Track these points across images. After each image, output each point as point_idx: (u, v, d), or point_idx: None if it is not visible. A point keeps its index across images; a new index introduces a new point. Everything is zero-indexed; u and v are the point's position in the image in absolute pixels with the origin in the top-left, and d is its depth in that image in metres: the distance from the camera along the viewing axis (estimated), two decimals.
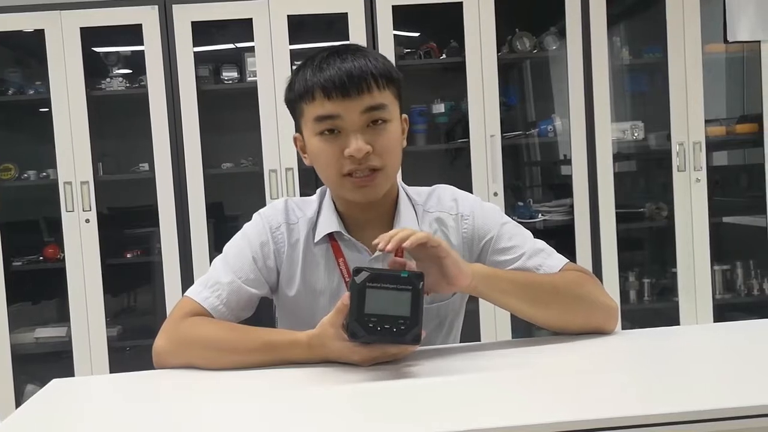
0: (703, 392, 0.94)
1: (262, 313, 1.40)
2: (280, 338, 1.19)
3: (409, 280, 1.05)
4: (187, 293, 1.31)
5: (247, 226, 1.36)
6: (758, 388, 0.94)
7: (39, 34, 2.98)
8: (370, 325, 1.03)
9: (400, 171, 1.36)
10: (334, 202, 1.33)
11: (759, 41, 3.12)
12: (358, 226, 1.31)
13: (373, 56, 1.24)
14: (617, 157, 3.16)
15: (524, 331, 3.05)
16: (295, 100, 1.25)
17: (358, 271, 1.05)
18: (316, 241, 1.31)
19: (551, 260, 1.32)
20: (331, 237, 1.31)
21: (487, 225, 1.34)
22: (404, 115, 1.30)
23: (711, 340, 1.26)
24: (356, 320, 1.04)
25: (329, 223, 1.30)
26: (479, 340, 2.29)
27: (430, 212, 1.35)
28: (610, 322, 1.26)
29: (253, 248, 1.31)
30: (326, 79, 1.19)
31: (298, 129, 1.29)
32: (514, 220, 1.42)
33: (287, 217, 1.33)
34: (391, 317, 1.04)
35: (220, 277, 1.29)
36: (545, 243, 1.36)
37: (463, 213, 1.35)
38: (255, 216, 1.36)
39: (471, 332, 2.66)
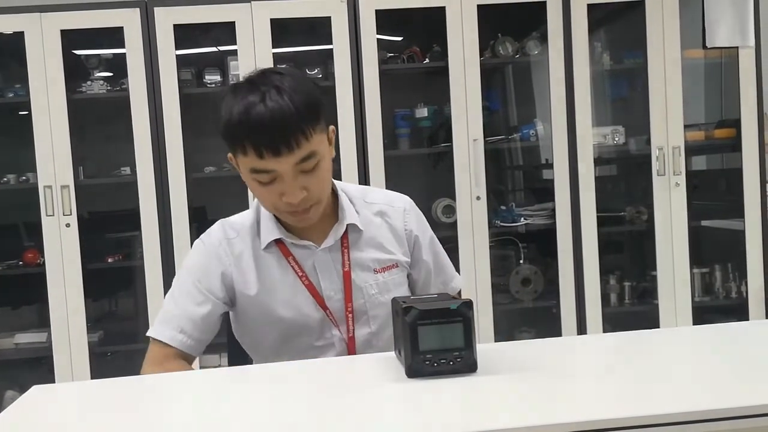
0: (682, 394, 0.95)
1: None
2: None
3: (459, 312, 1.06)
4: (150, 334, 1.39)
5: (189, 254, 1.45)
6: (737, 390, 0.95)
7: (19, 36, 2.95)
8: (427, 362, 1.04)
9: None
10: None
11: (737, 47, 3.16)
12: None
13: (297, 93, 1.26)
14: (598, 162, 3.19)
15: (507, 334, 3.08)
16: (228, 140, 1.29)
17: (407, 310, 1.05)
18: (263, 247, 1.40)
19: (458, 278, 1.58)
20: (277, 240, 1.40)
21: (420, 228, 1.51)
22: (331, 127, 1.36)
23: (690, 343, 1.27)
24: (413, 359, 1.04)
25: (271, 231, 1.40)
26: None
27: (372, 203, 1.48)
28: None
29: (195, 273, 1.40)
30: (255, 139, 1.24)
31: (233, 154, 1.33)
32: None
33: (226, 234, 1.43)
34: (447, 350, 1.05)
35: (173, 310, 1.39)
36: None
37: (406, 208, 1.51)
38: (195, 243, 1.45)
39: None
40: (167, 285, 2.94)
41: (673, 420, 0.85)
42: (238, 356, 1.55)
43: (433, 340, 1.04)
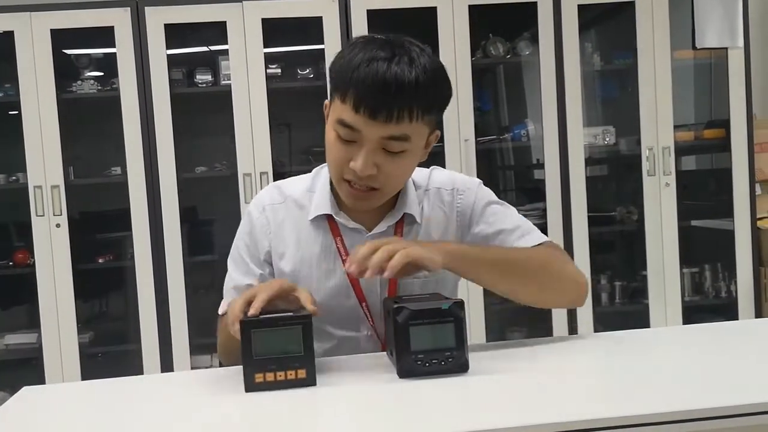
0: (672, 394, 0.95)
1: None
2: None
3: (451, 311, 1.06)
4: (220, 311, 1.34)
5: (243, 220, 1.38)
6: (727, 389, 0.96)
7: (8, 36, 2.93)
8: (418, 362, 1.04)
9: None
10: (331, 182, 1.30)
11: (726, 48, 3.18)
12: None
13: (426, 73, 1.16)
14: (589, 162, 3.20)
15: (498, 333, 3.08)
16: (333, 79, 1.21)
17: (399, 310, 1.05)
18: (310, 218, 1.31)
19: (528, 237, 1.36)
20: (327, 216, 1.31)
21: (476, 202, 1.37)
22: (437, 132, 1.27)
23: (680, 342, 1.28)
24: (405, 359, 1.04)
25: (323, 204, 1.31)
26: None
27: (428, 189, 1.37)
28: (580, 297, 1.35)
29: (241, 243, 1.35)
30: (362, 87, 1.14)
31: (330, 96, 1.24)
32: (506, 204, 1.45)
33: (272, 199, 1.35)
34: (438, 350, 1.05)
35: (237, 281, 1.33)
36: (528, 221, 1.41)
37: (458, 188, 1.37)
38: (247, 210, 1.38)
39: None
40: (158, 285, 2.97)
41: (664, 419, 0.85)
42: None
43: (424, 340, 1.04)
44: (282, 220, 1.33)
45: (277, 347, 1.04)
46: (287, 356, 1.04)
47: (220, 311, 1.34)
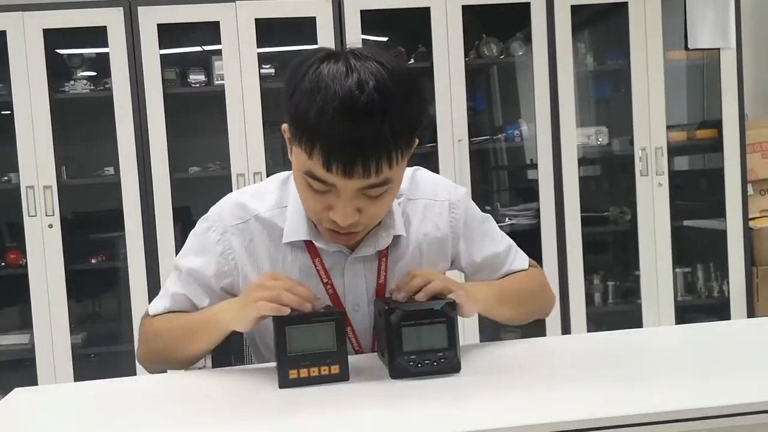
0: (665, 394, 0.96)
1: None
2: (199, 316, 1.21)
3: (443, 312, 1.05)
4: (151, 311, 1.28)
5: (193, 235, 1.27)
6: (719, 389, 0.96)
7: (1, 36, 2.92)
8: (411, 363, 1.04)
9: None
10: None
11: (718, 48, 3.20)
12: None
13: (403, 104, 1.02)
14: (582, 162, 3.20)
15: (492, 333, 3.09)
16: (290, 122, 1.07)
17: (391, 311, 1.05)
18: (284, 242, 1.20)
19: (518, 259, 1.37)
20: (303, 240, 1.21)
21: (471, 219, 1.32)
22: (416, 141, 1.11)
23: (673, 342, 1.29)
24: (397, 359, 1.04)
25: (298, 228, 1.19)
26: None
27: (415, 200, 1.27)
28: (551, 309, 1.42)
29: (191, 266, 1.24)
30: (332, 149, 1.00)
31: (292, 136, 1.10)
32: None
33: (234, 219, 1.22)
34: (431, 351, 1.05)
35: (168, 287, 1.27)
36: (510, 238, 1.40)
37: (452, 201, 1.29)
38: (199, 222, 1.26)
39: None
40: (151, 285, 2.96)
41: (656, 419, 0.85)
42: (223, 357, 1.54)
43: (416, 341, 1.04)
44: (249, 242, 1.22)
45: (311, 343, 1.04)
46: (321, 352, 1.04)
47: (152, 311, 1.27)
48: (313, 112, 1.00)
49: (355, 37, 3.01)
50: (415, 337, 1.04)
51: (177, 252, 3.11)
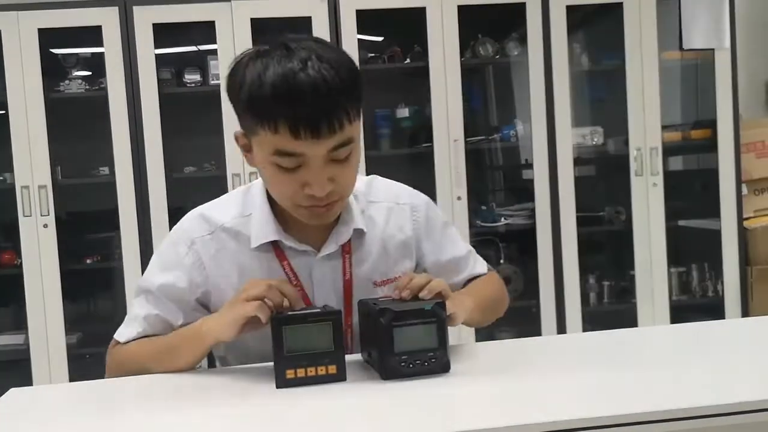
0: (659, 393, 0.96)
1: None
2: (180, 332, 1.20)
3: (434, 312, 1.05)
4: (114, 336, 1.28)
5: (157, 254, 1.28)
6: (714, 388, 0.97)
7: None
8: (402, 363, 1.04)
9: (364, 174, 1.36)
10: (270, 203, 1.23)
11: (713, 49, 3.21)
12: (299, 222, 1.20)
13: (342, 67, 1.08)
14: (577, 162, 3.21)
15: (487, 334, 3.09)
16: (247, 111, 1.09)
17: (382, 311, 1.04)
18: (253, 247, 1.22)
19: (478, 264, 1.42)
20: (271, 241, 1.22)
21: (433, 223, 1.35)
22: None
23: (667, 342, 1.29)
24: (388, 360, 1.04)
25: (266, 230, 1.21)
26: None
27: (375, 202, 1.30)
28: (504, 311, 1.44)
29: (162, 282, 1.24)
30: (295, 112, 1.04)
31: (244, 130, 1.15)
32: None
33: (200, 231, 1.24)
34: (421, 351, 1.05)
35: (136, 311, 1.25)
36: (467, 244, 1.44)
37: (413, 204, 1.33)
38: (165, 240, 1.27)
39: None
40: None
41: (651, 419, 0.86)
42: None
43: (407, 341, 1.04)
44: (215, 253, 1.22)
45: (309, 343, 1.04)
46: (318, 352, 1.04)
47: (122, 338, 1.25)
48: (268, 90, 1.04)
49: (350, 37, 3.01)
50: (407, 338, 1.04)
51: None
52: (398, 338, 1.04)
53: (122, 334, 1.27)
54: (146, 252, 2.96)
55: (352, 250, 1.25)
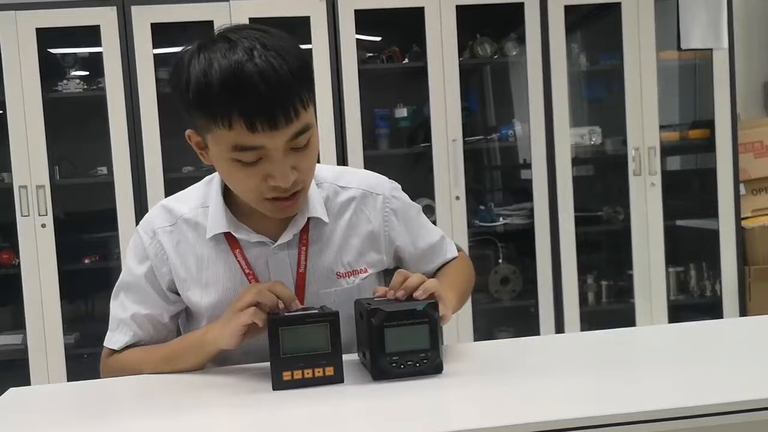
0: (656, 392, 0.96)
1: None
2: (181, 340, 1.21)
3: (425, 313, 1.05)
4: (105, 344, 1.27)
5: (128, 250, 1.29)
6: (711, 387, 0.97)
7: None
8: (393, 364, 1.04)
9: (361, 167, 1.35)
10: (224, 195, 1.22)
11: (710, 49, 3.21)
12: (255, 213, 1.19)
13: (290, 53, 1.05)
14: (575, 162, 3.22)
15: (486, 334, 3.09)
16: (198, 109, 1.06)
17: (373, 312, 1.04)
18: (208, 237, 1.21)
19: (450, 248, 1.40)
20: (224, 233, 1.21)
21: (407, 212, 1.33)
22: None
23: (665, 341, 1.29)
24: (379, 361, 1.04)
25: (219, 221, 1.20)
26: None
27: (347, 188, 1.27)
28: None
29: (137, 273, 1.24)
30: (248, 107, 1.01)
31: (194, 129, 1.12)
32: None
33: (161, 222, 1.25)
34: (413, 352, 1.04)
35: (120, 314, 1.25)
36: (437, 228, 1.42)
37: (386, 195, 1.30)
38: (134, 235, 1.28)
39: None
40: None
41: (648, 418, 0.86)
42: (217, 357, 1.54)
43: (399, 342, 1.04)
44: (177, 244, 1.22)
45: (306, 345, 1.04)
46: (315, 354, 1.04)
47: (115, 345, 1.24)
48: (216, 86, 1.01)
49: (349, 37, 3.01)
50: (398, 338, 1.03)
51: None
52: (389, 339, 1.03)
53: (114, 341, 1.25)
54: None
55: (312, 241, 1.23)
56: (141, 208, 2.96)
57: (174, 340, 1.24)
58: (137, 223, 1.28)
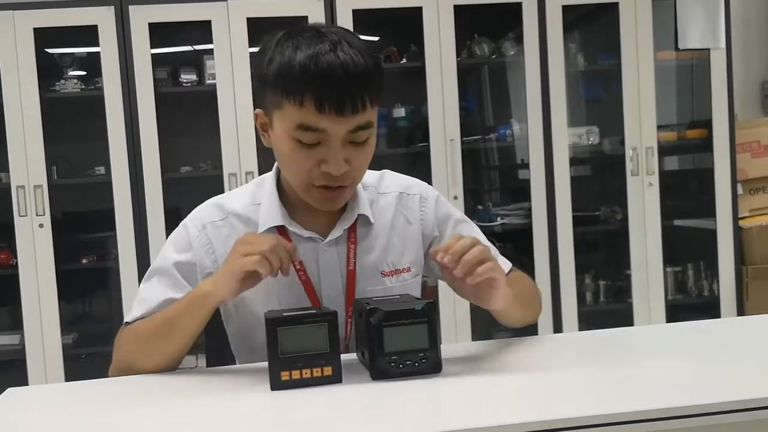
0: (655, 392, 0.96)
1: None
2: (181, 300, 1.18)
3: (423, 312, 1.05)
4: (127, 319, 1.26)
5: (172, 236, 1.29)
6: (709, 386, 0.97)
7: None
8: (392, 363, 1.04)
9: None
10: (280, 187, 1.27)
11: (708, 49, 3.22)
12: (306, 209, 1.24)
13: (367, 57, 1.12)
14: (573, 162, 3.22)
15: (483, 332, 3.09)
16: (273, 86, 1.12)
17: (372, 311, 1.04)
18: (260, 232, 1.23)
19: (500, 262, 1.34)
20: (278, 227, 1.24)
21: (445, 216, 1.35)
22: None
23: (663, 341, 1.29)
24: (378, 360, 1.04)
25: (273, 215, 1.24)
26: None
27: (386, 193, 1.32)
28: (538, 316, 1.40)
29: (177, 260, 1.24)
30: (321, 86, 1.08)
31: (264, 109, 1.18)
32: (473, 222, 1.43)
33: (211, 216, 1.27)
34: (411, 351, 1.04)
35: (146, 294, 1.25)
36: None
37: (422, 195, 1.34)
38: (180, 225, 1.29)
39: None
40: None
41: (646, 417, 0.86)
42: (217, 357, 1.53)
43: (398, 342, 1.04)
44: (225, 238, 1.24)
45: (304, 345, 1.03)
46: (313, 353, 1.04)
47: (128, 317, 1.25)
48: (297, 65, 1.08)
49: None
50: (397, 338, 1.03)
51: None
52: (388, 338, 1.03)
53: (130, 314, 1.26)
54: (142, 252, 2.96)
55: (359, 239, 1.26)
56: (139, 209, 2.96)
57: (171, 306, 1.21)
58: (135, 223, 1.29)
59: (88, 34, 2.95)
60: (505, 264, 1.37)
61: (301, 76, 1.08)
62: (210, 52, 3.03)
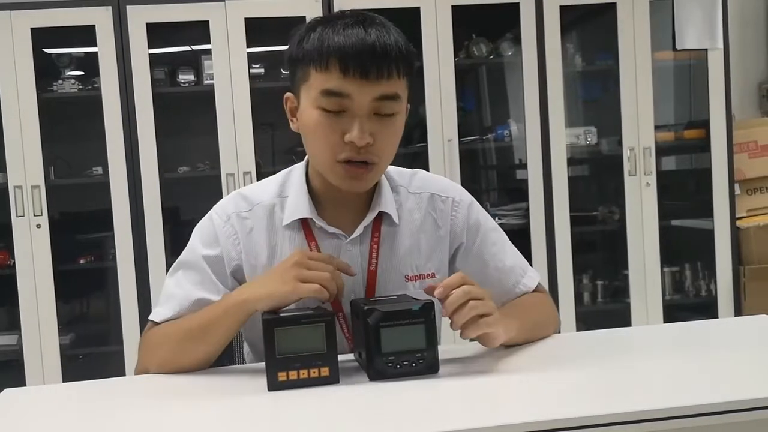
0: (653, 392, 0.96)
1: None
2: (216, 304, 1.17)
3: (421, 313, 1.05)
4: (150, 317, 1.24)
5: (196, 230, 1.28)
6: (707, 386, 0.97)
7: None
8: (389, 364, 1.04)
9: None
10: (307, 182, 1.25)
11: (705, 49, 3.22)
12: (332, 205, 1.24)
13: (398, 36, 1.15)
14: (571, 162, 3.22)
15: None
16: (302, 60, 1.14)
17: (370, 312, 1.04)
18: (285, 224, 1.22)
19: (526, 279, 1.33)
20: (302, 220, 1.23)
21: (474, 222, 1.31)
22: (408, 105, 1.22)
23: (661, 341, 1.29)
24: (376, 361, 1.03)
25: (301, 206, 1.22)
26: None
27: (416, 193, 1.29)
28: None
29: (206, 254, 1.23)
30: (346, 51, 1.09)
31: (294, 90, 1.19)
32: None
33: (237, 207, 1.25)
34: (409, 352, 1.04)
35: (173, 290, 1.23)
36: (516, 249, 1.36)
37: (455, 198, 1.30)
38: (205, 217, 1.28)
39: None
40: (140, 286, 2.95)
41: (644, 417, 0.86)
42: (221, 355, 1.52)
43: (395, 342, 1.04)
44: (251, 230, 1.23)
45: (301, 345, 1.03)
46: (311, 354, 1.03)
47: (157, 318, 1.22)
48: (328, 35, 1.11)
49: None
50: (394, 338, 1.03)
51: (166, 252, 3.09)
52: (386, 339, 1.03)
53: (158, 313, 1.23)
54: (140, 252, 2.96)
55: (383, 239, 1.24)
56: (136, 209, 2.96)
57: (206, 308, 1.18)
58: (133, 223, 1.29)
59: (86, 34, 2.95)
60: (531, 280, 1.33)
61: (328, 44, 1.10)
62: (208, 52, 3.03)
